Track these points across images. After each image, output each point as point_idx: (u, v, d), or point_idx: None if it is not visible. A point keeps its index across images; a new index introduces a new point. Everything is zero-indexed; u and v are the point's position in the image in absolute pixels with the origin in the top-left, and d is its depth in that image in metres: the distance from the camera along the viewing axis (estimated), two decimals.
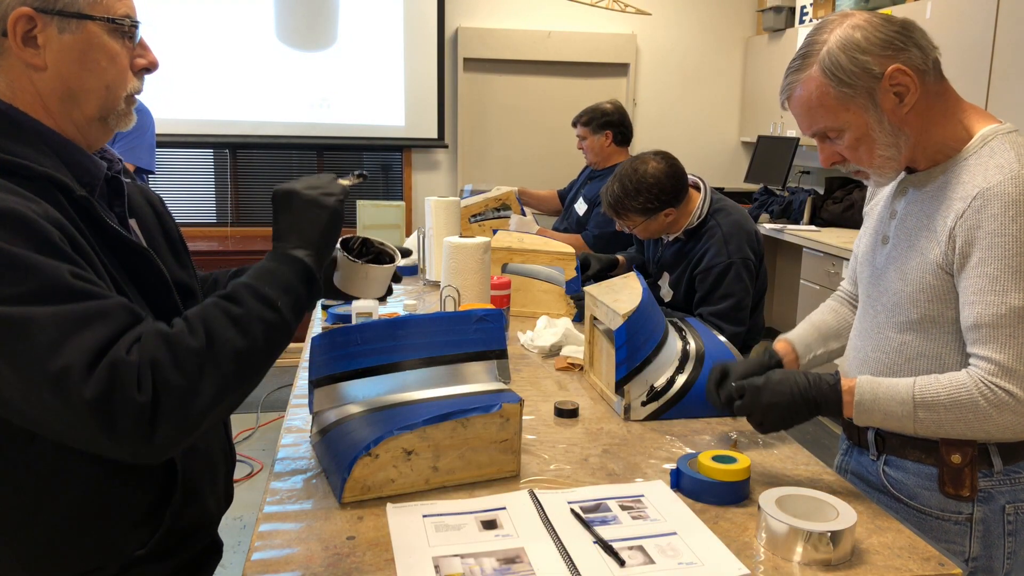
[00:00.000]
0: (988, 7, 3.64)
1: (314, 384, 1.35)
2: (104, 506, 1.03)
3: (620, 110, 3.43)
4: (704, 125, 6.09)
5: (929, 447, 1.30)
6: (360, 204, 3.29)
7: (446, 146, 5.72)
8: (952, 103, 1.28)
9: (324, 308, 2.23)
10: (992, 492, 1.28)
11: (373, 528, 1.16)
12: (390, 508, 1.20)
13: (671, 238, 2.44)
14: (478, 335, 1.44)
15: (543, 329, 2.08)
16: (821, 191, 4.96)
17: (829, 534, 1.07)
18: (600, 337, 1.77)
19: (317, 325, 2.22)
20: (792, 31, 5.43)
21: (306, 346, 1.91)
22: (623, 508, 1.22)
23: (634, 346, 1.58)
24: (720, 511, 1.23)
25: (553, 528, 1.15)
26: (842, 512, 1.12)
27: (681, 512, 1.21)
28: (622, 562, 1.06)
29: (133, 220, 1.15)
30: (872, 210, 1.48)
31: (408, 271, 2.87)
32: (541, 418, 1.59)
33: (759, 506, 1.14)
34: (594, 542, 1.11)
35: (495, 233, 2.53)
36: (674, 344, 1.66)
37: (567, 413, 1.60)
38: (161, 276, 1.08)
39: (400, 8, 5.43)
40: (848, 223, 4.64)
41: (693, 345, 1.66)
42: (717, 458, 1.28)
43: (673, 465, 1.33)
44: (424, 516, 1.18)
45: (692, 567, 1.06)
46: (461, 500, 1.24)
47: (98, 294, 0.91)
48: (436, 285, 2.69)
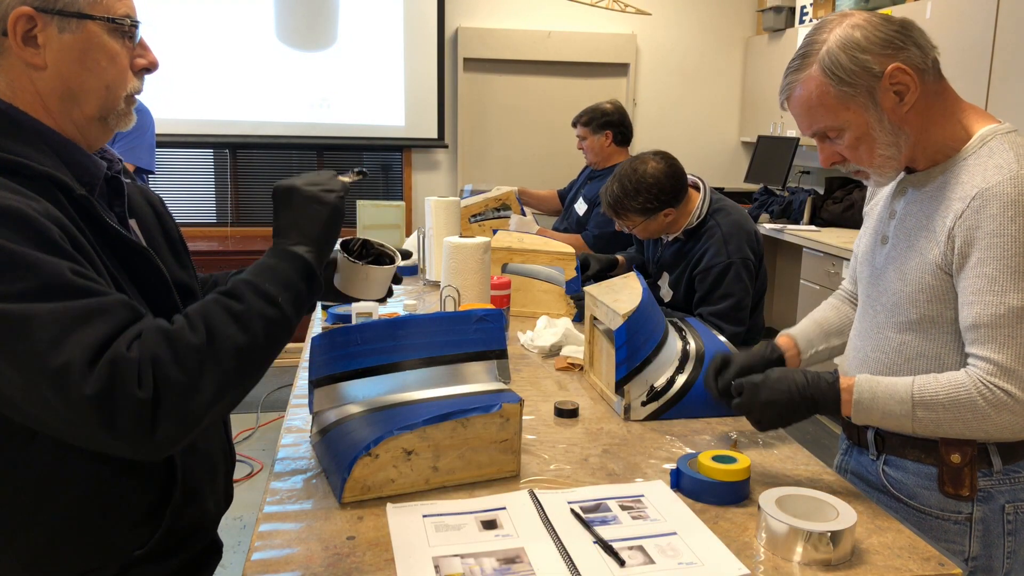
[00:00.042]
0: (988, 7, 3.64)
1: (314, 384, 1.35)
2: (104, 506, 1.03)
3: (620, 110, 3.43)
4: (704, 125, 6.09)
5: (929, 447, 1.30)
6: (360, 204, 3.29)
7: (446, 146, 5.72)
8: (951, 103, 1.28)
9: (324, 308, 2.23)
10: (992, 492, 1.28)
11: (373, 528, 1.16)
12: (390, 508, 1.20)
13: (671, 238, 2.44)
14: (478, 335, 1.44)
15: (543, 329, 2.08)
16: (821, 191, 4.96)
17: (829, 534, 1.07)
18: (600, 337, 1.77)
19: (317, 325, 2.22)
20: (792, 31, 5.43)
21: (306, 346, 1.91)
22: (623, 508, 1.22)
23: (634, 346, 1.58)
24: (720, 511, 1.23)
25: (553, 528, 1.15)
26: (842, 512, 1.12)
27: (681, 512, 1.21)
28: (622, 562, 1.06)
29: (133, 220, 1.15)
30: (872, 210, 1.48)
31: (408, 271, 2.87)
32: (541, 418, 1.59)
33: (759, 506, 1.14)
34: (594, 542, 1.11)
35: (495, 233, 2.53)
36: (674, 344, 1.66)
37: (567, 413, 1.60)
38: (161, 276, 1.08)
39: (400, 8, 5.43)
40: (848, 223, 4.64)
41: (693, 345, 1.66)
42: (717, 458, 1.28)
43: (673, 465, 1.33)
44: (424, 516, 1.18)
45: (692, 567, 1.06)
46: (461, 500, 1.24)
47: (98, 291, 0.91)
48: (436, 285, 2.69)
